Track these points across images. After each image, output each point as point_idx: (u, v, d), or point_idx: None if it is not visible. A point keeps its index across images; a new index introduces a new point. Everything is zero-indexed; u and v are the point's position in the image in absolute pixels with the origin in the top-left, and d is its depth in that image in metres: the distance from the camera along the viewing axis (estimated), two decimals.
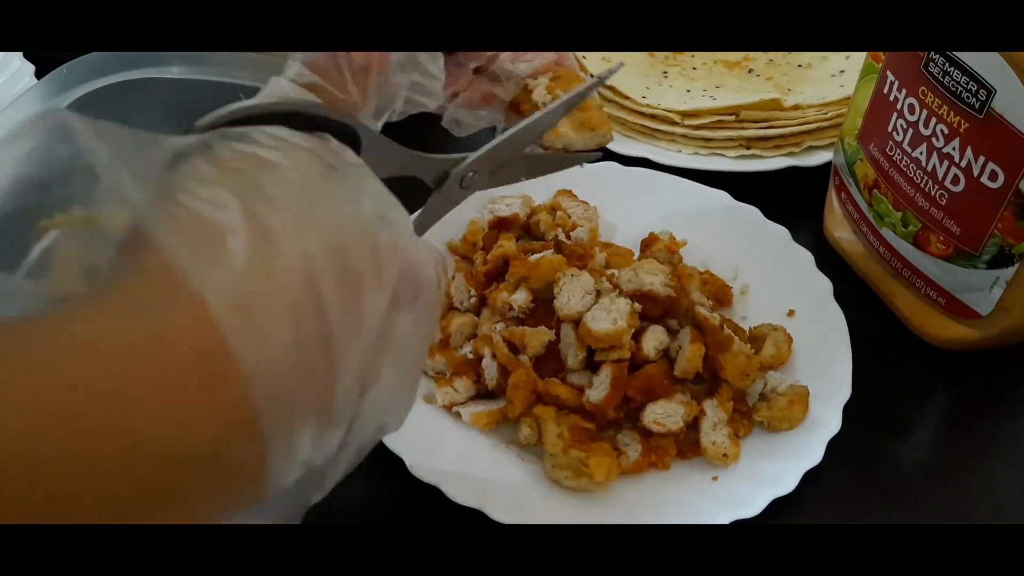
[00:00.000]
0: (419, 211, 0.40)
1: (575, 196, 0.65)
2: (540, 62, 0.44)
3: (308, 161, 0.30)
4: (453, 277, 0.59)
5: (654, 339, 0.54)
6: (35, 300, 0.29)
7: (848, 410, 0.53)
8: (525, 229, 0.63)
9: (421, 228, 0.41)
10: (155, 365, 0.25)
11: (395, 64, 0.34)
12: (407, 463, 0.50)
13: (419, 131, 0.46)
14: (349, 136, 0.33)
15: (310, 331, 0.27)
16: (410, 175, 0.39)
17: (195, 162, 0.29)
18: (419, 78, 0.36)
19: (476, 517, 0.49)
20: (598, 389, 0.52)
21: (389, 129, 0.39)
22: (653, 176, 0.67)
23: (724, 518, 0.49)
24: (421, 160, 0.39)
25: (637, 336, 0.54)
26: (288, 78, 0.34)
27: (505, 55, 0.44)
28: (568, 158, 0.48)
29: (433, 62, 0.37)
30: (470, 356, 0.56)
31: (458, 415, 0.54)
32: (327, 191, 0.30)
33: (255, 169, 0.29)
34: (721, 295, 0.61)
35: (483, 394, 0.55)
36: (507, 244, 0.59)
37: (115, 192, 0.26)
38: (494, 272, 0.58)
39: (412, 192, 0.40)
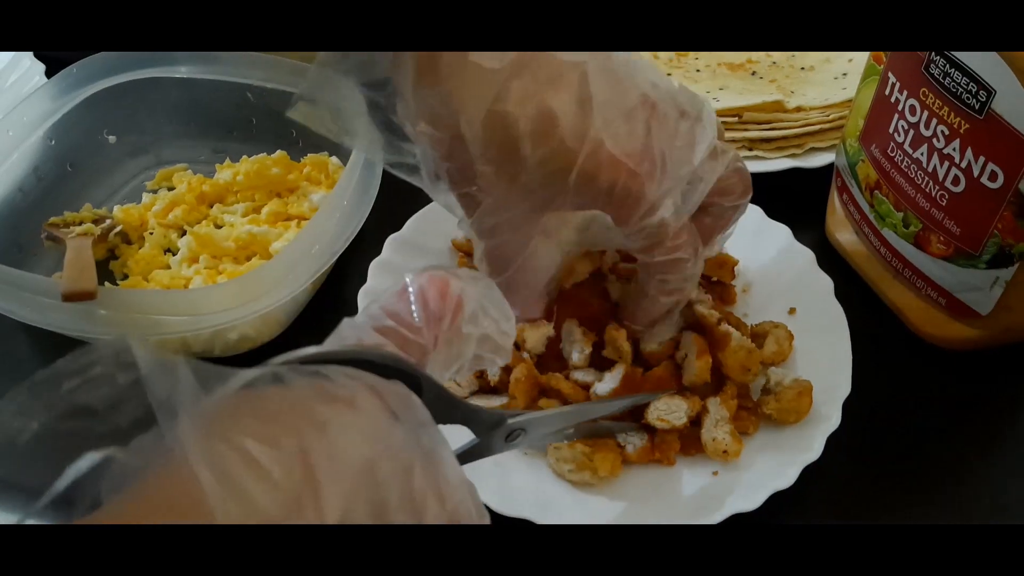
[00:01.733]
0: (458, 450, 0.40)
1: None
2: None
3: (374, 406, 0.30)
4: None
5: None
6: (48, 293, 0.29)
7: (849, 408, 0.54)
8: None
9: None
10: None
11: (468, 315, 0.35)
12: None
13: None
14: (414, 384, 0.33)
15: None
16: (460, 424, 0.39)
17: (264, 389, 0.28)
18: (491, 332, 0.36)
19: None
20: (606, 383, 0.53)
21: None
22: None
23: (725, 511, 0.49)
24: (477, 413, 0.40)
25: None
26: (362, 320, 0.34)
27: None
28: (614, 427, 0.52)
29: (506, 319, 0.37)
30: None
31: None
32: (386, 441, 0.29)
33: (321, 404, 0.29)
34: (725, 294, 0.61)
35: (485, 389, 0.56)
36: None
37: (166, 427, 0.26)
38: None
39: None
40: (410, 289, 0.35)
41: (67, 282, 0.57)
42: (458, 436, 0.39)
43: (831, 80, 0.76)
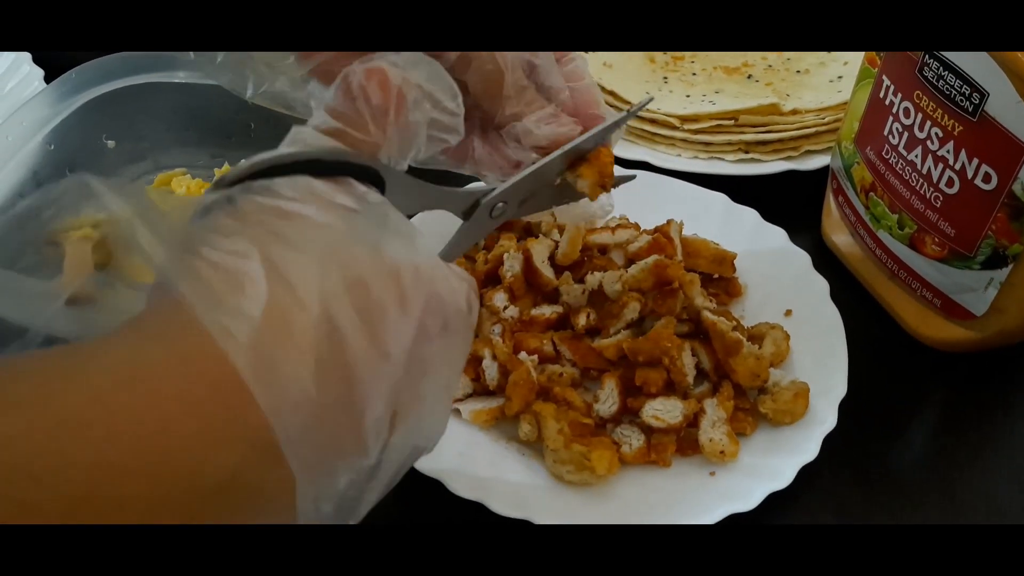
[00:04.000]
0: (449, 241, 0.41)
1: None
2: (562, 131, 0.45)
3: (329, 206, 0.31)
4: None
5: None
6: (48, 299, 0.31)
7: (845, 409, 0.54)
8: (526, 230, 0.64)
9: (450, 257, 0.42)
10: (180, 390, 0.26)
11: (411, 102, 0.35)
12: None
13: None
14: (373, 178, 0.34)
15: (332, 367, 0.28)
16: (438, 208, 0.40)
17: (218, 216, 0.30)
18: (438, 115, 0.37)
19: (477, 511, 0.49)
20: (606, 403, 0.54)
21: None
22: (652, 179, 0.68)
23: (721, 512, 0.49)
24: (448, 195, 0.40)
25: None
26: (310, 126, 0.35)
27: (529, 120, 0.45)
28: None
29: (451, 98, 0.37)
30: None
31: (457, 412, 0.55)
32: (348, 232, 0.31)
33: (275, 218, 0.30)
34: (730, 287, 0.62)
35: (481, 392, 0.56)
36: (507, 243, 0.60)
37: (137, 249, 0.28)
38: (494, 271, 0.59)
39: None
40: (349, 81, 0.35)
41: (66, 286, 0.57)
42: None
43: (826, 83, 0.76)
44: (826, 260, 0.65)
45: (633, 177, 0.53)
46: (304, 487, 0.28)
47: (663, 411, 0.53)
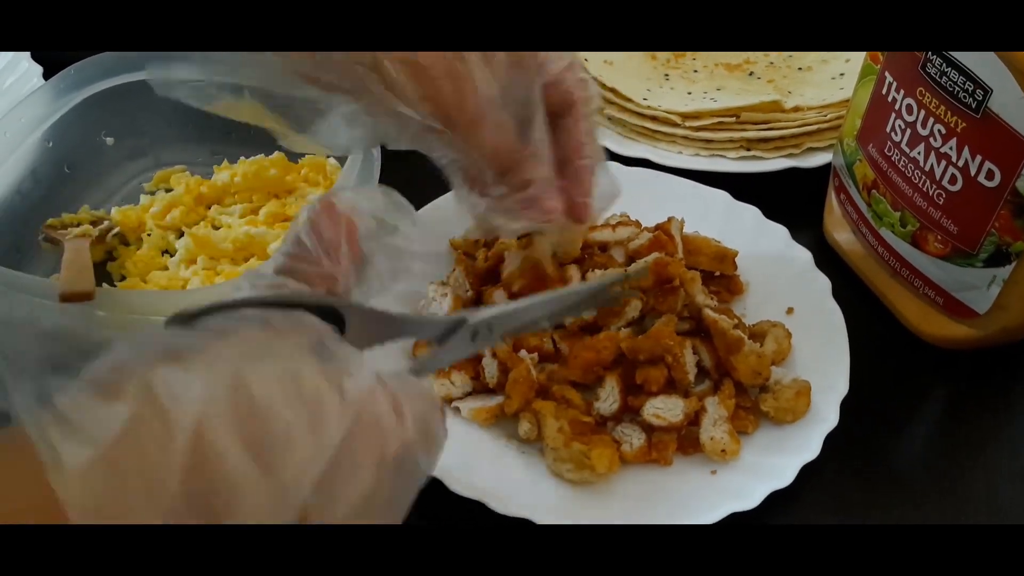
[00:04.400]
0: (418, 358, 0.38)
1: None
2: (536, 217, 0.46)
3: (251, 330, 0.30)
4: (452, 271, 0.60)
5: None
6: (46, 296, 0.29)
7: (846, 407, 0.54)
8: None
9: (421, 372, 0.38)
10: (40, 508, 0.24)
11: (363, 232, 0.35)
12: None
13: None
14: (332, 316, 0.33)
15: (204, 497, 0.26)
16: (409, 337, 0.37)
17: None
18: (397, 242, 0.36)
19: (477, 511, 0.49)
20: (607, 402, 0.54)
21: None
22: (653, 176, 0.68)
23: (723, 510, 0.49)
24: (420, 324, 0.38)
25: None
26: (266, 269, 0.34)
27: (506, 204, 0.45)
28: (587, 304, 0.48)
29: (410, 224, 0.37)
30: None
31: (457, 410, 0.55)
32: (262, 355, 0.29)
33: (179, 342, 0.28)
34: (732, 285, 0.62)
35: (480, 390, 0.56)
36: (508, 240, 0.59)
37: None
38: (494, 268, 0.59)
39: None
40: (300, 222, 0.35)
41: (65, 283, 0.57)
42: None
43: (828, 80, 0.76)
44: (828, 258, 0.65)
45: (637, 295, 0.54)
46: None
47: (664, 409, 0.53)
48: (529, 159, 0.46)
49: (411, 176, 0.72)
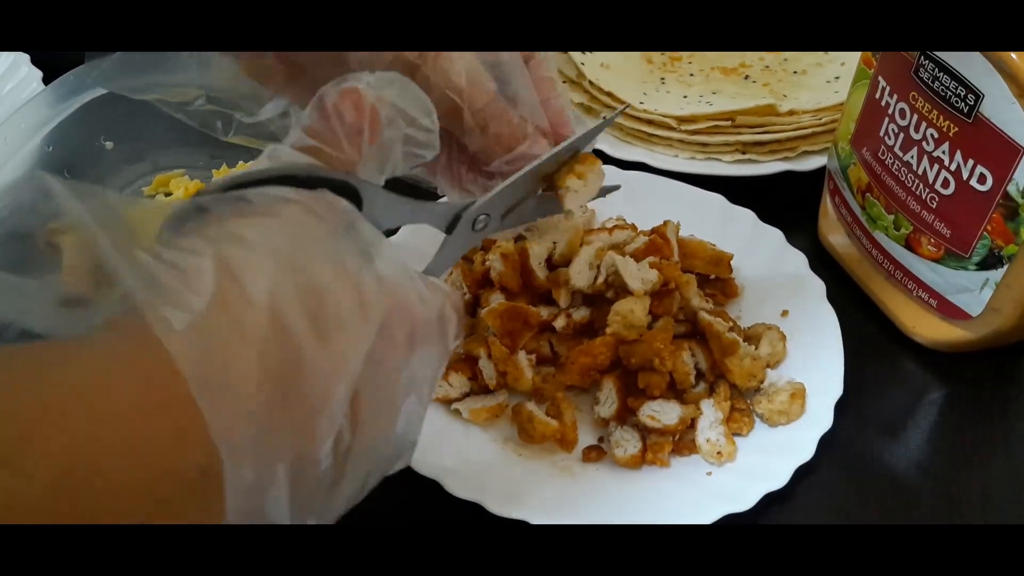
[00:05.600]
0: (434, 256, 0.41)
1: None
2: (533, 154, 0.46)
3: (295, 212, 0.32)
4: (451, 273, 0.60)
5: None
6: (46, 299, 0.31)
7: (841, 409, 0.54)
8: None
9: (437, 271, 0.42)
10: (152, 389, 0.27)
11: (385, 120, 0.36)
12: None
13: None
14: (349, 193, 0.34)
15: (279, 366, 0.28)
16: (418, 222, 0.41)
17: (182, 221, 0.30)
18: (413, 132, 0.37)
19: (474, 512, 0.50)
20: (605, 405, 0.54)
21: None
22: (649, 179, 0.68)
23: (717, 512, 0.49)
24: (427, 209, 0.40)
25: None
26: (286, 144, 0.35)
27: (499, 163, 0.45)
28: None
29: (426, 115, 0.38)
30: (461, 353, 0.57)
31: (456, 412, 0.55)
32: (310, 237, 0.31)
33: (235, 221, 0.30)
34: (727, 288, 0.62)
35: (479, 391, 0.56)
36: (504, 244, 0.60)
37: (89, 250, 0.28)
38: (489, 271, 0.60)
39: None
40: (323, 101, 0.35)
41: (65, 287, 0.57)
42: None
43: (823, 84, 0.76)
44: (822, 260, 0.65)
45: (617, 187, 0.53)
46: (233, 487, 0.27)
47: (660, 412, 0.53)
48: (510, 111, 0.46)
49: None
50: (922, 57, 0.53)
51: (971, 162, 0.52)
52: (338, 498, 0.32)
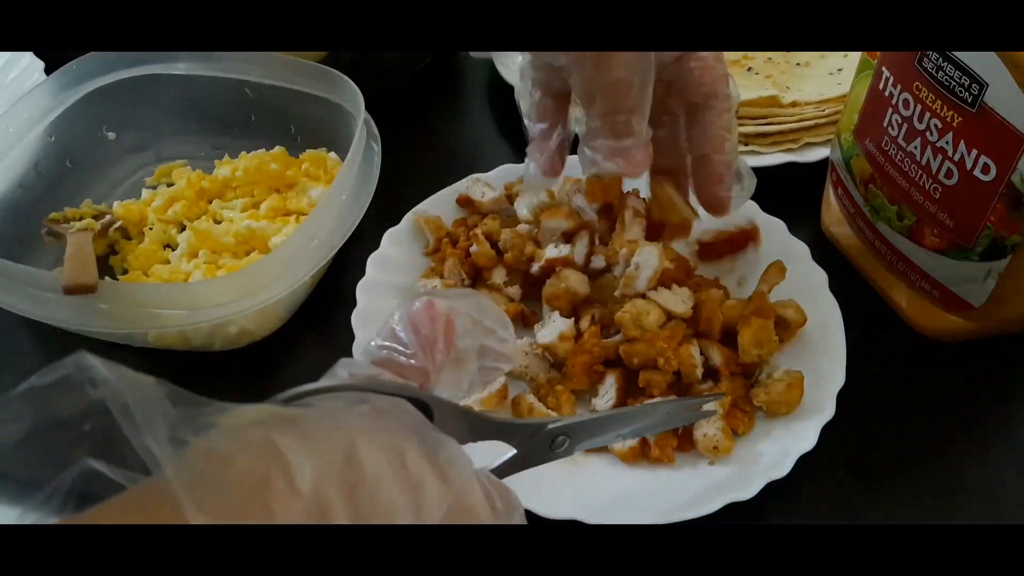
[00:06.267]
0: (499, 463, 0.39)
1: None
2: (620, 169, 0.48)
3: (359, 408, 0.30)
4: (444, 263, 0.61)
5: None
6: (49, 290, 0.29)
7: (843, 399, 0.54)
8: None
9: (499, 475, 0.39)
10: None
11: (460, 331, 0.35)
12: None
13: None
14: (421, 408, 0.33)
15: None
16: (490, 440, 0.37)
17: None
18: (490, 343, 0.37)
19: None
20: (604, 398, 0.54)
21: None
22: None
23: (720, 501, 0.50)
24: (505, 426, 0.38)
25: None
26: (360, 355, 0.35)
27: (596, 143, 0.47)
28: (667, 420, 0.48)
29: (502, 327, 0.37)
30: None
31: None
32: (370, 431, 0.29)
33: (294, 414, 0.29)
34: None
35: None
36: (491, 223, 0.61)
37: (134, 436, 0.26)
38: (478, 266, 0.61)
39: None
40: (398, 317, 0.35)
41: (68, 276, 0.57)
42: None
43: (826, 75, 0.76)
44: (825, 252, 0.65)
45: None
46: None
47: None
48: (636, 110, 0.46)
49: (410, 175, 0.73)
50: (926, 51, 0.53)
51: (975, 152, 0.52)
52: None
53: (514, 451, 0.38)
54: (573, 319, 0.57)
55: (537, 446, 0.39)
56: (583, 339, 0.55)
